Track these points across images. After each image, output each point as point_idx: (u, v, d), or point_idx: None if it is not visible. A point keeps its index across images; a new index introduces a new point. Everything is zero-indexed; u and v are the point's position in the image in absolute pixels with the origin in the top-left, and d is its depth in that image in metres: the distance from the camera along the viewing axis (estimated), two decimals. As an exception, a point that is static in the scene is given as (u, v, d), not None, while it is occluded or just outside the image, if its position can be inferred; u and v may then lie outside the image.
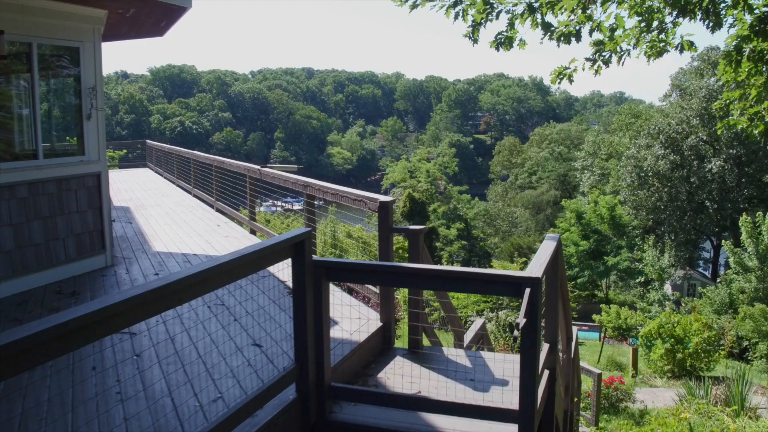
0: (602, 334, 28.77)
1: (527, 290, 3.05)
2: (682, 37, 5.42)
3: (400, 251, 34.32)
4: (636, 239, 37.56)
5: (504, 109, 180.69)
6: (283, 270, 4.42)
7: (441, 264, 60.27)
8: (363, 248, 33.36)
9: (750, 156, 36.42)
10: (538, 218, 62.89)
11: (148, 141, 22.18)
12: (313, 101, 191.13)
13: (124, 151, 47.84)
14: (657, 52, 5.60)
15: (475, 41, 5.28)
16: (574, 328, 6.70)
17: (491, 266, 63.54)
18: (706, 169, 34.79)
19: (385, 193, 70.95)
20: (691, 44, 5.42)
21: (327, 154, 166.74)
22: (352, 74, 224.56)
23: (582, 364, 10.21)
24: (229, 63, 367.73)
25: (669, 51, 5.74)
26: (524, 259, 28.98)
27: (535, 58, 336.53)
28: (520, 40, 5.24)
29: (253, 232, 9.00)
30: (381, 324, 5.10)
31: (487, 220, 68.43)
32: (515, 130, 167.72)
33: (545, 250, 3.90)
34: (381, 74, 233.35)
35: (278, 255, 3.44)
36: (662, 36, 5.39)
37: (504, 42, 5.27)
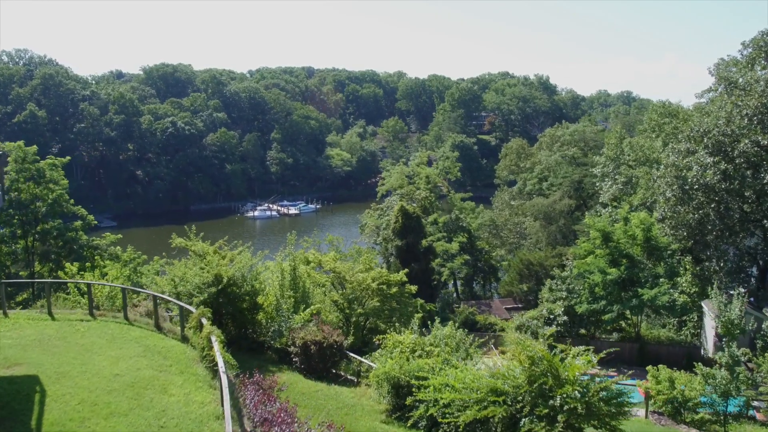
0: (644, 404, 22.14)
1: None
2: None
3: (383, 286, 27.53)
4: (675, 266, 30.90)
5: (509, 109, 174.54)
6: None
7: (441, 282, 53.48)
8: (338, 282, 25.48)
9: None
10: (550, 230, 56.07)
11: None
12: (312, 101, 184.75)
13: (68, 158, 41.52)
14: None
15: None
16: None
17: (497, 284, 56.82)
18: (765, 181, 28.04)
19: (381, 200, 64.16)
20: None
21: (326, 155, 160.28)
22: (352, 73, 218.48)
23: None
24: (227, 62, 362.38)
25: None
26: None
27: (539, 57, 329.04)
28: None
29: None
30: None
31: (492, 231, 61.76)
32: (521, 131, 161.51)
33: None
34: (383, 73, 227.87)
35: None
36: None
37: None
